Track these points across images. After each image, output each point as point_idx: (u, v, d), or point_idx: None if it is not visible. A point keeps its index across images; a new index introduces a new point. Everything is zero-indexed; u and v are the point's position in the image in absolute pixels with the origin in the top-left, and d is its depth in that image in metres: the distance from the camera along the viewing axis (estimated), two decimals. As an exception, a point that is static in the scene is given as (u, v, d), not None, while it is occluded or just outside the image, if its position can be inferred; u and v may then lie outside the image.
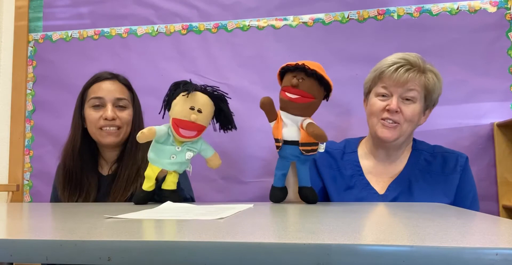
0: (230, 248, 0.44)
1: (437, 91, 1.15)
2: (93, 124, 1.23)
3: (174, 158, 1.03)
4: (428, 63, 1.15)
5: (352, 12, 1.76)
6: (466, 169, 1.16)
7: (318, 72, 0.92)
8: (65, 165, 1.25)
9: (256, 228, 0.54)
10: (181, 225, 0.60)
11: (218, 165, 1.11)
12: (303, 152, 0.94)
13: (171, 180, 1.05)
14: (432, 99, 1.15)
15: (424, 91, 1.12)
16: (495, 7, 1.65)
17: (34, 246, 0.48)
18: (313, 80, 0.92)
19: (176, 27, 1.89)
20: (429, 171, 1.15)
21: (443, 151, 1.18)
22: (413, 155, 1.19)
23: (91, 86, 1.27)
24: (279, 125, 0.96)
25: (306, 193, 0.98)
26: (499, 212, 1.58)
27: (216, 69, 1.84)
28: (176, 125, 1.01)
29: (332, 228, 0.53)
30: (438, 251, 0.40)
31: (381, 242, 0.42)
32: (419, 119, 1.15)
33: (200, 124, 1.03)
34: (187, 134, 1.02)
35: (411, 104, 1.11)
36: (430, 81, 1.12)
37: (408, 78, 1.10)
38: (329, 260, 0.41)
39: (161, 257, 0.44)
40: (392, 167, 1.19)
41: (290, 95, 0.94)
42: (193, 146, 1.05)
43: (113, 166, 1.28)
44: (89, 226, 0.58)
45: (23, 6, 2.04)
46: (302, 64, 0.92)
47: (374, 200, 1.14)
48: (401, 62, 1.12)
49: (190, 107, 1.00)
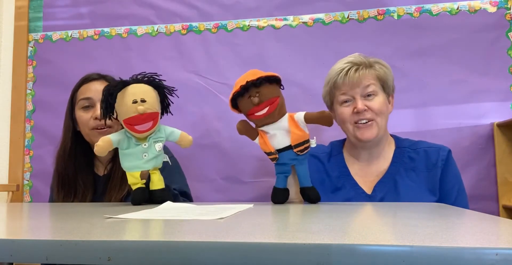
0: (230, 248, 0.44)
1: (390, 78, 1.19)
2: (85, 125, 1.24)
3: (146, 156, 1.00)
4: (371, 57, 1.19)
5: (352, 12, 1.76)
6: (448, 162, 1.15)
7: (264, 76, 0.91)
8: (58, 168, 1.26)
9: (256, 228, 0.54)
10: (181, 225, 0.60)
11: (190, 142, 1.05)
12: (298, 153, 0.94)
13: (156, 179, 1.02)
14: (389, 86, 1.19)
15: (379, 82, 1.16)
16: (495, 7, 1.65)
17: (34, 246, 0.48)
18: (265, 86, 0.92)
19: (176, 27, 1.89)
20: (413, 168, 1.15)
21: (425, 146, 1.18)
22: (397, 152, 1.19)
23: (79, 88, 1.28)
24: (265, 140, 0.95)
25: (308, 193, 0.98)
26: (499, 212, 1.58)
27: (216, 69, 1.84)
28: (130, 125, 0.97)
29: (332, 228, 0.53)
30: (438, 251, 0.40)
31: (381, 242, 0.42)
32: (387, 108, 1.18)
33: (151, 113, 0.97)
34: (143, 127, 0.97)
35: (374, 98, 1.15)
36: (380, 71, 1.16)
37: (360, 76, 1.14)
38: (329, 260, 0.41)
39: (161, 257, 0.44)
40: (377, 166, 1.19)
41: (260, 113, 0.93)
42: (157, 136, 1.01)
43: (108, 166, 1.28)
44: (89, 226, 0.58)
45: (23, 6, 2.04)
46: (247, 82, 0.91)
47: (362, 200, 1.14)
48: (347, 66, 1.16)
49: (132, 101, 0.95)
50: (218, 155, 1.80)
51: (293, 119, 0.95)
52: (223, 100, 1.82)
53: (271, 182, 1.35)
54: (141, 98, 0.96)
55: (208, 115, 1.82)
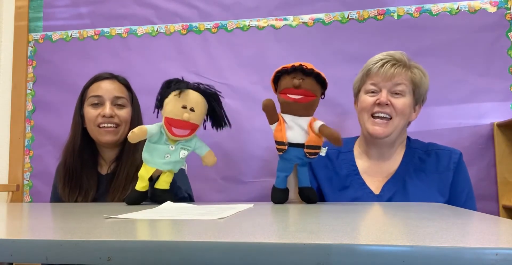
0: (230, 248, 0.44)
1: (424, 86, 1.17)
2: (91, 122, 1.25)
3: (168, 157, 1.01)
4: (412, 61, 1.18)
5: (352, 12, 1.76)
6: (459, 166, 1.15)
7: (315, 71, 0.93)
8: (66, 162, 1.27)
9: (256, 228, 0.54)
10: (181, 225, 0.60)
11: (213, 162, 1.09)
12: (306, 154, 0.94)
13: (164, 179, 1.03)
14: (421, 94, 1.17)
15: (412, 86, 1.15)
16: (495, 7, 1.65)
17: (34, 246, 0.48)
18: (311, 79, 0.93)
19: (176, 27, 1.89)
20: (424, 170, 1.15)
21: (436, 148, 1.18)
22: (407, 153, 1.19)
23: (91, 86, 1.29)
24: (282, 128, 0.95)
25: (307, 193, 0.98)
26: (499, 212, 1.58)
27: (216, 69, 1.84)
28: (169, 124, 1.00)
29: (332, 228, 0.53)
30: (438, 251, 0.40)
31: (381, 242, 0.42)
32: (410, 113, 1.16)
33: (193, 123, 1.01)
34: (180, 132, 1.01)
35: (400, 98, 1.13)
36: (416, 75, 1.15)
37: (395, 72, 1.13)
38: (329, 260, 0.41)
39: (161, 257, 0.44)
40: (387, 166, 1.19)
41: (293, 96, 0.94)
42: (187, 144, 1.04)
43: (112, 165, 1.28)
44: (89, 226, 0.58)
45: (23, 6, 2.04)
46: (300, 65, 0.92)
47: (369, 200, 1.13)
48: (386, 58, 1.15)
49: (182, 106, 0.99)
50: (218, 155, 1.78)
51: (312, 124, 0.96)
52: (223, 100, 1.81)
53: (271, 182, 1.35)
54: (191, 107, 1.00)
55: (208, 115, 1.82)
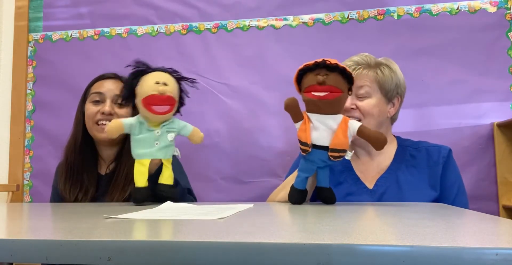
0: (230, 248, 0.44)
1: (391, 81, 1.17)
2: (90, 118, 1.25)
3: (158, 144, 0.99)
4: (382, 58, 1.20)
5: (352, 12, 1.76)
6: (449, 160, 1.16)
7: (340, 66, 0.89)
8: (67, 159, 1.27)
9: (256, 228, 0.54)
10: (181, 225, 0.60)
11: (201, 138, 1.06)
12: (330, 158, 0.90)
13: (168, 174, 1.02)
14: (390, 90, 1.17)
15: (376, 85, 1.16)
16: (495, 7, 1.65)
17: (34, 246, 0.48)
18: (336, 74, 0.89)
19: (176, 27, 1.89)
20: (415, 165, 1.17)
21: (427, 145, 1.20)
22: (399, 150, 1.21)
23: (94, 84, 1.31)
24: (307, 128, 0.91)
25: (325, 194, 0.96)
26: (499, 212, 1.58)
27: (216, 69, 1.84)
28: (148, 104, 0.97)
29: (332, 228, 0.53)
30: (438, 251, 0.40)
31: (381, 242, 0.42)
32: (382, 112, 1.17)
33: (170, 96, 0.98)
34: (161, 109, 0.98)
35: (365, 99, 1.15)
36: (379, 74, 1.16)
37: (355, 76, 1.11)
38: (329, 260, 0.41)
39: (161, 257, 0.44)
40: (379, 163, 1.20)
41: (318, 94, 0.89)
42: (171, 126, 1.01)
43: (111, 165, 1.28)
44: (89, 226, 0.58)
45: (23, 6, 2.04)
46: (322, 60, 0.89)
47: (363, 195, 1.15)
48: (348, 64, 1.17)
49: (155, 82, 0.98)
50: (218, 155, 1.80)
51: (346, 124, 0.91)
52: (223, 100, 1.82)
53: (271, 182, 1.36)
54: (163, 81, 0.98)
55: (208, 115, 1.82)
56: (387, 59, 1.21)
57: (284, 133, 1.75)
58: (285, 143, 1.75)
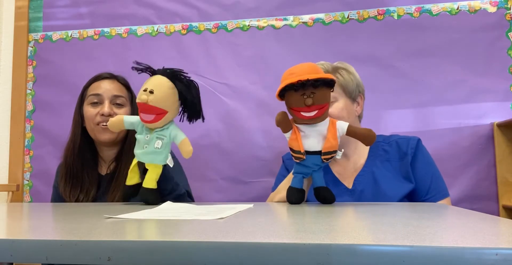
0: (230, 248, 0.44)
1: (352, 82, 1.21)
2: (90, 120, 1.25)
3: (146, 148, 0.99)
4: (337, 63, 1.25)
5: (352, 12, 1.76)
6: (418, 150, 1.18)
7: (324, 78, 0.88)
8: (66, 161, 1.27)
9: (256, 228, 0.54)
10: (181, 225, 0.60)
11: (189, 152, 0.99)
12: (324, 160, 0.93)
13: (149, 176, 1.00)
14: (352, 90, 1.21)
15: (340, 88, 1.20)
16: (495, 7, 1.65)
17: (34, 246, 0.48)
18: (322, 88, 0.88)
19: (176, 27, 1.89)
20: (388, 159, 1.19)
21: (397, 138, 1.22)
22: (372, 147, 1.23)
23: (91, 85, 1.30)
24: (298, 137, 0.93)
25: (323, 193, 0.97)
26: (499, 212, 1.58)
27: (216, 69, 1.84)
28: (139, 110, 0.98)
29: (332, 228, 0.53)
30: (438, 251, 0.40)
31: (381, 242, 0.42)
32: (350, 112, 1.20)
33: (153, 106, 0.95)
34: (147, 118, 0.97)
35: (333, 104, 1.17)
36: (340, 78, 1.20)
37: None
38: (329, 260, 0.41)
39: (161, 257, 0.44)
40: (355, 162, 1.23)
41: (307, 114, 0.89)
42: (162, 133, 0.99)
43: (111, 165, 1.29)
44: (89, 226, 0.58)
45: (23, 6, 2.04)
46: (307, 80, 0.86)
47: (343, 195, 1.17)
48: None
49: (143, 89, 0.97)
50: (218, 155, 1.80)
51: (334, 126, 0.92)
52: (223, 100, 1.82)
53: (271, 182, 1.35)
54: (150, 89, 0.95)
55: (208, 115, 1.81)
56: (342, 63, 1.25)
57: (284, 133, 1.74)
58: (285, 143, 1.74)
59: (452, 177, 1.59)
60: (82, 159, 1.27)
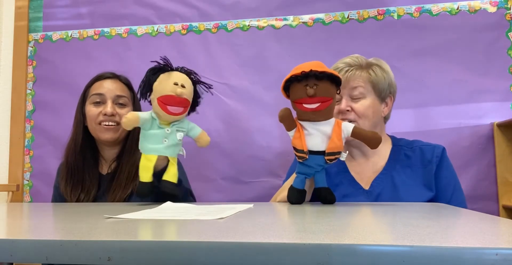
0: (230, 248, 0.44)
1: (384, 81, 1.17)
2: (92, 120, 1.25)
3: (167, 141, 1.01)
4: (372, 59, 1.20)
5: (352, 12, 1.76)
6: (443, 159, 1.16)
7: (328, 72, 0.88)
8: (68, 160, 1.27)
9: (256, 228, 0.54)
10: (181, 225, 0.60)
11: (207, 142, 1.08)
12: (327, 161, 0.92)
13: (173, 171, 1.02)
14: (383, 89, 1.17)
15: (370, 85, 1.16)
16: (495, 7, 1.65)
17: (34, 246, 0.48)
18: (325, 82, 0.88)
19: (176, 27, 1.89)
20: (410, 165, 1.16)
21: (420, 145, 1.19)
22: (394, 150, 1.20)
23: (93, 85, 1.30)
24: (302, 135, 0.92)
25: (324, 194, 0.97)
26: (499, 212, 1.58)
27: (216, 69, 1.84)
28: (163, 103, 0.98)
29: (332, 228, 0.53)
30: (438, 251, 0.40)
31: (381, 242, 0.42)
32: (377, 112, 1.17)
33: (186, 99, 1.01)
34: (175, 110, 0.99)
35: (360, 101, 1.14)
36: (372, 74, 1.16)
37: (349, 78, 1.14)
38: (329, 260, 0.41)
39: (161, 257, 0.44)
40: (374, 163, 1.20)
41: (309, 106, 0.89)
42: (181, 125, 1.03)
43: (112, 164, 1.29)
44: (89, 226, 0.58)
45: (23, 6, 2.04)
46: (311, 71, 0.87)
47: (359, 196, 1.15)
48: (339, 67, 1.17)
49: (174, 83, 0.99)
50: (218, 155, 1.80)
51: (339, 127, 0.92)
52: (223, 100, 1.82)
53: (271, 182, 1.36)
54: (182, 83, 1.01)
55: (208, 115, 1.82)
56: (377, 60, 1.20)
57: (284, 132, 1.72)
58: (285, 143, 1.75)
59: (452, 177, 1.59)
60: (83, 158, 1.27)
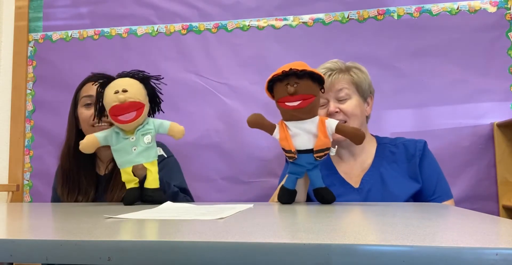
0: (230, 248, 0.44)
1: (365, 81, 1.24)
2: (85, 122, 1.25)
3: (136, 149, 1.00)
4: (349, 62, 1.27)
5: (352, 12, 1.76)
6: (425, 152, 1.21)
7: (308, 70, 0.91)
8: (63, 166, 1.28)
9: (256, 228, 0.54)
10: (181, 225, 0.60)
11: (182, 131, 1.03)
12: (316, 158, 0.93)
13: (151, 178, 1.01)
14: (365, 90, 1.24)
15: (354, 86, 1.22)
16: (495, 7, 1.65)
17: (34, 246, 0.48)
18: (306, 80, 0.91)
19: (176, 27, 1.89)
20: (395, 160, 1.22)
21: (403, 141, 1.25)
22: (379, 148, 1.25)
23: (83, 87, 1.30)
24: (287, 135, 0.94)
25: (322, 194, 0.97)
26: (499, 212, 1.58)
27: (216, 69, 1.84)
28: (113, 115, 0.97)
29: (332, 228, 0.53)
30: (438, 251, 0.40)
31: (381, 242, 0.42)
32: (362, 111, 1.23)
33: (134, 101, 0.97)
34: (127, 117, 0.97)
35: (346, 101, 1.20)
36: (354, 76, 1.22)
37: (333, 81, 1.20)
38: (329, 260, 0.41)
39: (161, 257, 0.44)
40: (361, 162, 1.24)
41: (291, 104, 0.92)
42: (145, 128, 1.01)
43: (109, 165, 1.29)
44: (89, 226, 0.58)
45: (23, 6, 2.04)
46: (290, 69, 0.90)
47: (351, 194, 1.18)
48: (322, 72, 1.22)
49: (114, 92, 0.98)
50: (218, 155, 1.80)
51: (323, 124, 0.93)
52: (223, 100, 1.82)
53: (271, 182, 1.36)
54: (122, 88, 0.98)
55: (208, 115, 1.82)
56: (354, 63, 1.27)
57: (284, 133, 1.74)
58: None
59: (452, 177, 1.58)
60: (78, 161, 1.26)
